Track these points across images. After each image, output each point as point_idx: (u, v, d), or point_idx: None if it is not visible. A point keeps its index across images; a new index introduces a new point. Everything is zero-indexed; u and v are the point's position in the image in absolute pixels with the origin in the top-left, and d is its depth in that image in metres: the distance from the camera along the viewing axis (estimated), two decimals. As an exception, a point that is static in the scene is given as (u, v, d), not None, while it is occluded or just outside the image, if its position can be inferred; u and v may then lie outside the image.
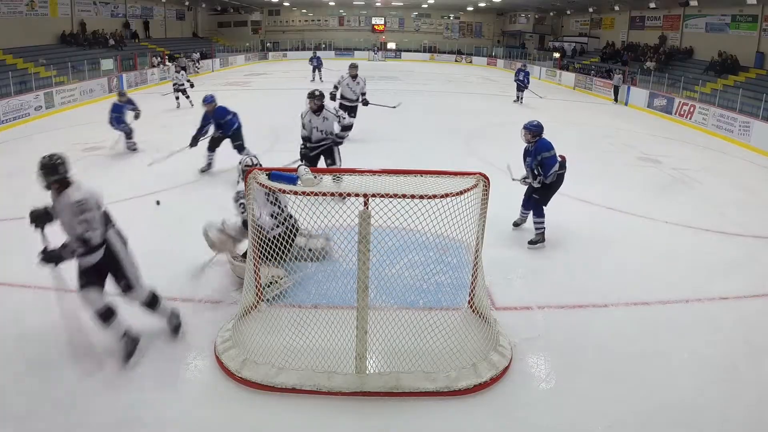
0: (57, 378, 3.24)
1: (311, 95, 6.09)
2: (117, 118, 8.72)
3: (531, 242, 5.28)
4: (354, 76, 9.45)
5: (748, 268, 5.15)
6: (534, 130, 5.20)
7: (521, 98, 15.84)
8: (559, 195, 6.94)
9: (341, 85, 9.54)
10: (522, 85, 15.66)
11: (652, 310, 4.31)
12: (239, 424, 2.96)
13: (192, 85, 14.20)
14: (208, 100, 7.35)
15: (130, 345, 3.42)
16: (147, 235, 5.38)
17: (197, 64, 23.31)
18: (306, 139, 6.26)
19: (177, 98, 13.78)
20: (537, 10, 33.28)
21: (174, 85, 14.02)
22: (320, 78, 19.86)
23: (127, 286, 3.36)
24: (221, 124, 7.35)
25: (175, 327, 3.67)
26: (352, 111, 9.25)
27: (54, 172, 3.10)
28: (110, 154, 8.68)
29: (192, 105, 13.14)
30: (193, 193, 6.85)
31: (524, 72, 15.85)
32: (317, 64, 20.16)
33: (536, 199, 5.28)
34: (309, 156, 6.19)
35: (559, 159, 5.18)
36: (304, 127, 6.24)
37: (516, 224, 5.77)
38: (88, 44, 20.38)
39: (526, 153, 5.29)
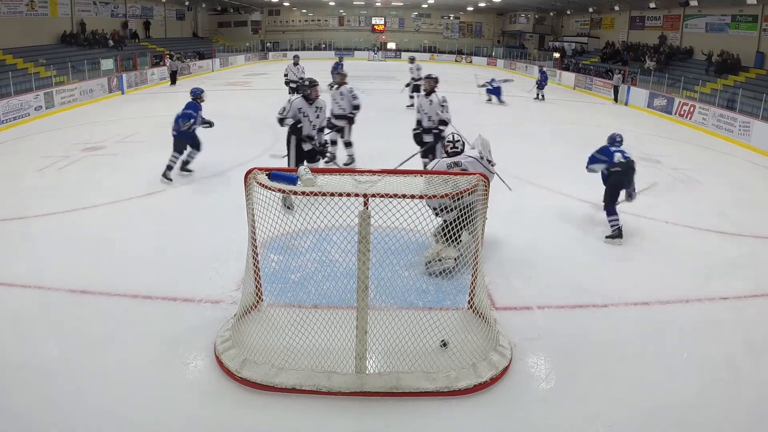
0: (57, 378, 3.23)
1: (429, 77, 6.46)
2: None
3: (607, 237, 5.52)
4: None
5: (748, 268, 5.15)
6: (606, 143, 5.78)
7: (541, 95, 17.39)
8: (558, 194, 7.01)
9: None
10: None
11: (652, 310, 4.31)
12: (239, 424, 2.96)
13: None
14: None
15: None
16: (148, 235, 5.42)
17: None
18: (419, 122, 6.52)
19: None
20: (537, 10, 33.26)
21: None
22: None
23: None
24: None
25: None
26: None
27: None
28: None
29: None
30: (193, 192, 6.85)
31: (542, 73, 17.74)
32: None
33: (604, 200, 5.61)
34: (419, 140, 6.50)
35: (619, 159, 5.48)
36: (418, 111, 6.57)
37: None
38: (88, 44, 20.35)
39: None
